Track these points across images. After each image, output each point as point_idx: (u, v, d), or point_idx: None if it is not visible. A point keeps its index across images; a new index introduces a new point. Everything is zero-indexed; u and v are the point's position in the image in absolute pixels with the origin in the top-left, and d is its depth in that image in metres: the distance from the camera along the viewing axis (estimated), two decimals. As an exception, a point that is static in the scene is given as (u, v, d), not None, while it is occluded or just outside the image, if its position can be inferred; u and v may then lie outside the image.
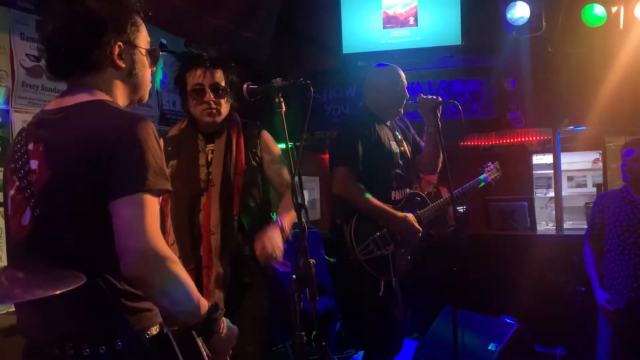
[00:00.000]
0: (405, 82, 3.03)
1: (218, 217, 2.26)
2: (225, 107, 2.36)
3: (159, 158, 1.31)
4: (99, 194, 1.26)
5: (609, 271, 3.10)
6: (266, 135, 2.46)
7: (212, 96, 2.32)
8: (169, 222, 2.30)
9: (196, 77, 2.33)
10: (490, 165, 3.34)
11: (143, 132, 1.29)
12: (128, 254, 1.24)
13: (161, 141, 2.32)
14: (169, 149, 2.37)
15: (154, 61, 1.52)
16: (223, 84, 2.34)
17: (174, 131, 2.48)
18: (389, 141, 2.96)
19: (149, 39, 1.51)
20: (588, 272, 3.20)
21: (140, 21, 1.47)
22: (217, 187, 2.30)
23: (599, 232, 3.18)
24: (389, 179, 2.94)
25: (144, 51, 1.47)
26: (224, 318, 1.47)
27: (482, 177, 3.32)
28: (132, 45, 1.43)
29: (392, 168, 2.95)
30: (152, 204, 1.28)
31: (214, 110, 2.33)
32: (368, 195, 2.84)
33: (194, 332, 1.41)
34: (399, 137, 3.05)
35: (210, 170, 2.33)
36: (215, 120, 2.35)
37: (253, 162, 2.39)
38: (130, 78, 1.46)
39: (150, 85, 1.54)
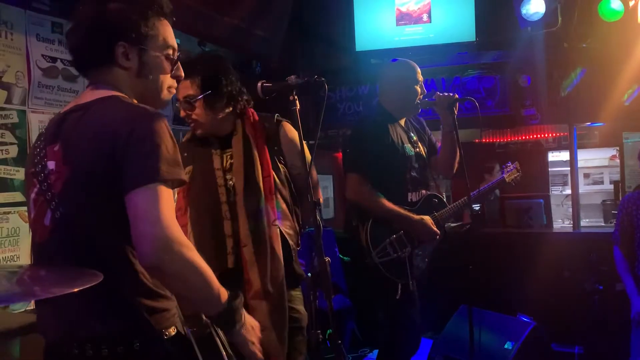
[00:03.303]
0: (419, 78, 2.98)
1: (247, 228, 2.12)
2: (205, 115, 2.18)
3: (173, 150, 1.31)
4: (116, 189, 1.26)
5: None
6: (287, 127, 2.25)
7: (184, 111, 2.19)
8: (188, 230, 2.17)
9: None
10: (510, 166, 3.29)
11: (156, 124, 1.29)
12: (144, 242, 1.23)
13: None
14: (185, 154, 2.21)
15: (172, 67, 1.48)
16: (192, 92, 2.14)
17: (187, 136, 2.37)
18: (403, 143, 2.92)
19: (170, 43, 1.47)
20: (622, 278, 3.11)
21: (157, 23, 1.44)
22: (241, 195, 2.14)
23: (629, 235, 3.11)
24: (404, 181, 2.91)
25: (156, 54, 1.45)
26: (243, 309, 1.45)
27: (501, 178, 3.27)
28: (140, 47, 1.42)
29: (407, 170, 2.91)
30: (167, 194, 1.27)
31: (192, 124, 2.21)
32: (382, 200, 2.82)
33: (213, 330, 1.40)
34: (414, 138, 3.01)
35: (230, 176, 2.20)
36: (201, 132, 2.22)
37: (277, 160, 2.22)
38: (140, 79, 1.44)
39: (169, 92, 1.51)
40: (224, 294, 1.36)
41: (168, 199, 1.27)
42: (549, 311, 3.81)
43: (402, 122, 3.02)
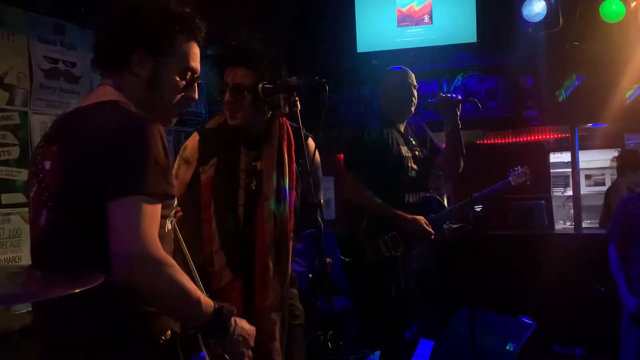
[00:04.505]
0: (415, 84, 3.07)
1: (272, 237, 2.07)
2: (249, 110, 2.10)
3: (163, 161, 1.28)
4: (104, 195, 1.23)
5: (636, 273, 3.03)
6: (310, 143, 2.20)
7: (229, 97, 2.09)
8: (213, 226, 2.08)
9: (225, 75, 2.13)
10: (518, 169, 3.29)
11: (148, 133, 1.27)
12: (118, 258, 1.19)
13: (194, 134, 2.23)
14: (211, 144, 2.17)
15: (187, 89, 1.46)
16: (246, 83, 2.06)
17: (212, 124, 2.26)
18: (399, 145, 2.98)
19: (190, 66, 1.45)
20: (615, 276, 3.12)
21: (186, 46, 1.43)
22: (270, 201, 2.07)
23: (626, 234, 3.11)
24: (401, 182, 2.96)
25: (173, 72, 1.42)
26: (236, 318, 1.43)
27: (506, 181, 3.27)
28: (156, 58, 1.40)
29: (403, 171, 2.97)
30: (150, 208, 1.23)
31: (233, 114, 2.11)
32: (377, 199, 2.88)
33: (199, 335, 1.39)
34: (413, 142, 3.07)
35: (254, 180, 2.12)
36: (236, 124, 2.14)
37: (298, 174, 2.18)
38: (149, 91, 1.42)
39: (177, 111, 1.48)
40: (208, 306, 1.33)
41: (150, 213, 1.23)
42: (551, 312, 3.81)
43: (402, 127, 3.09)
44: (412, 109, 3.07)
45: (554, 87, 4.56)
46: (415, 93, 3.07)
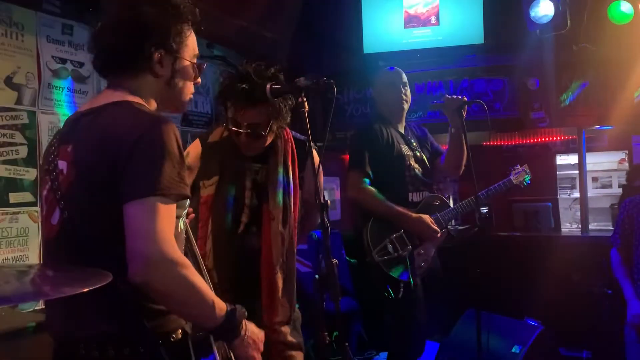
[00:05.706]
0: (405, 82, 3.07)
1: (280, 254, 2.08)
2: (267, 139, 2.13)
3: (178, 162, 1.29)
4: (118, 196, 1.25)
5: (638, 277, 3.02)
6: (314, 155, 2.11)
7: (246, 138, 2.11)
8: (208, 245, 2.10)
9: (235, 112, 2.10)
10: (518, 168, 3.28)
11: (164, 134, 1.27)
12: (135, 259, 1.21)
13: (197, 142, 2.23)
14: (215, 159, 2.17)
15: (198, 75, 1.50)
16: (260, 121, 2.07)
17: (215, 137, 2.24)
18: (399, 144, 2.99)
19: (196, 52, 1.49)
20: (620, 281, 3.10)
21: (189, 32, 1.46)
22: (278, 222, 2.09)
23: (628, 238, 3.10)
24: (403, 180, 2.97)
25: (188, 63, 1.45)
26: (246, 321, 1.43)
27: (507, 180, 3.27)
28: (174, 55, 1.42)
29: (405, 170, 2.97)
30: (166, 209, 1.24)
31: (249, 149, 2.14)
32: (381, 198, 2.88)
33: (211, 336, 1.40)
34: (414, 143, 3.08)
35: (256, 195, 2.13)
36: (251, 154, 2.15)
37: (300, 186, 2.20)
38: (168, 87, 1.44)
39: (189, 97, 1.51)
40: (221, 308, 1.34)
41: (166, 214, 1.24)
42: (557, 315, 3.79)
43: (401, 128, 3.10)
44: (404, 107, 3.06)
45: (561, 89, 4.55)
46: (407, 92, 3.06)
